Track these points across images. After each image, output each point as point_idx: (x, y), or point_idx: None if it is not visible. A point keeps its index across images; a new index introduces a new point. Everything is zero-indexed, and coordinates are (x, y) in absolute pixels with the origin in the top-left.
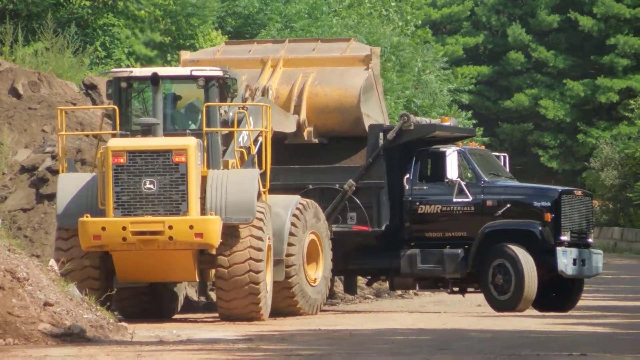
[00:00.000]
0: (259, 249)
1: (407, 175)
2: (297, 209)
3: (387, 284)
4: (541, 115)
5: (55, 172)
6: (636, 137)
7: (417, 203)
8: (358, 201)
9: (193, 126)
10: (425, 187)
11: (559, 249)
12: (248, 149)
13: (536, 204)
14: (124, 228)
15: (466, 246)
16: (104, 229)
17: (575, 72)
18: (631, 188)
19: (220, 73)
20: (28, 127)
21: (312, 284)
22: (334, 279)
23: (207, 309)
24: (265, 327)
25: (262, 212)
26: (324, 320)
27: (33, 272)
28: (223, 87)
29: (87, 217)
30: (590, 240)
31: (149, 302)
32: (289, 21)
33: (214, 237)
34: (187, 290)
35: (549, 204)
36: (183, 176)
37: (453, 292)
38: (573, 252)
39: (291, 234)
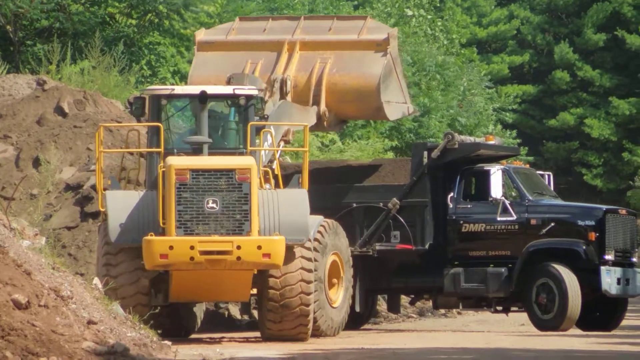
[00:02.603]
0: (310, 270)
1: (451, 194)
2: (319, 231)
3: (430, 303)
4: (586, 134)
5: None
6: None
7: (461, 222)
8: (402, 220)
9: (227, 144)
10: (469, 206)
11: (603, 268)
12: (273, 170)
13: (580, 223)
14: (191, 247)
15: (510, 265)
16: (171, 247)
17: (620, 91)
18: None
19: (257, 92)
20: (73, 145)
21: (333, 305)
22: (376, 297)
23: (250, 327)
24: (308, 346)
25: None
26: (367, 339)
27: (77, 291)
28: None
29: (151, 235)
30: (634, 259)
31: (168, 321)
32: None
33: (280, 258)
34: (230, 308)
35: (593, 223)
36: (246, 195)
37: (496, 311)
38: (617, 271)
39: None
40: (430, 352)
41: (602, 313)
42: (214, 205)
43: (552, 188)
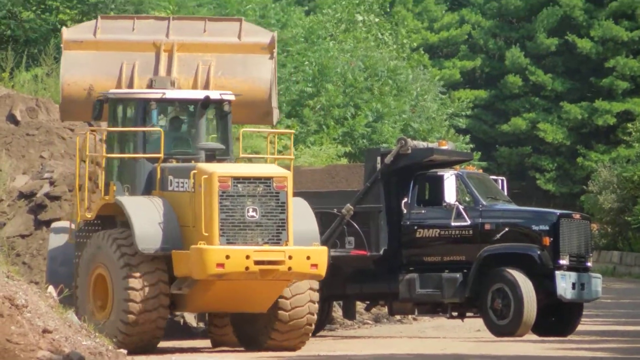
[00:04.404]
0: (315, 290)
1: (405, 199)
2: None
3: (386, 309)
4: (539, 138)
5: (53, 198)
6: (634, 161)
7: (415, 227)
8: (356, 225)
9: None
10: (423, 211)
11: (557, 273)
12: None
13: (535, 227)
14: (247, 257)
15: (465, 270)
16: (228, 257)
17: (573, 95)
18: (630, 211)
19: (234, 97)
20: (26, 153)
21: None
22: (332, 304)
23: (206, 335)
24: (265, 354)
25: None
26: (323, 345)
27: (32, 299)
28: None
29: (202, 244)
30: (589, 264)
31: None
32: (285, 45)
33: (324, 268)
34: (185, 316)
35: (547, 227)
36: (283, 204)
37: (452, 317)
38: (572, 276)
39: None
40: (386, 359)
41: (557, 318)
42: (254, 214)
43: (505, 193)
